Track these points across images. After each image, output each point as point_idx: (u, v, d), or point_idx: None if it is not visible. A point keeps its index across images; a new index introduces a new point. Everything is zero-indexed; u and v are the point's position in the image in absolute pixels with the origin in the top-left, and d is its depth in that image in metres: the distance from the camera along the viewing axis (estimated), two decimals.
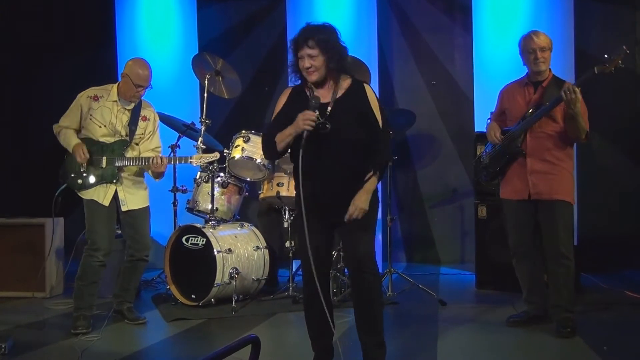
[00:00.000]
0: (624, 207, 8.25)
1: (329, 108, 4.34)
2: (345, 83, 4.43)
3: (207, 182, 6.88)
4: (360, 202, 4.29)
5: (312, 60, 4.29)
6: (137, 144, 5.98)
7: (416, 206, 9.22)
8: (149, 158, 5.86)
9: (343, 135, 4.31)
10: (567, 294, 5.40)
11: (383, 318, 4.57)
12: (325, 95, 4.39)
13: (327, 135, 4.29)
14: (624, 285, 7.07)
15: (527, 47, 5.44)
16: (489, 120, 5.85)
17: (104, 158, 5.78)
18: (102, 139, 5.80)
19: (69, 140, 5.76)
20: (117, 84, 5.91)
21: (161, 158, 5.84)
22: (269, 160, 6.52)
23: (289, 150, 4.51)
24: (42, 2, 9.34)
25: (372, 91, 4.42)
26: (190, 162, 6.07)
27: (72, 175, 5.80)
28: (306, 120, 4.23)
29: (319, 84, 4.39)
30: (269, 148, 4.51)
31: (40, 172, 8.46)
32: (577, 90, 5.07)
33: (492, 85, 6.00)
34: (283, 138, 4.38)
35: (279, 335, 5.78)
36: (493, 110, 5.86)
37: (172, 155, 6.78)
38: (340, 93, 4.40)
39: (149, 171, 5.99)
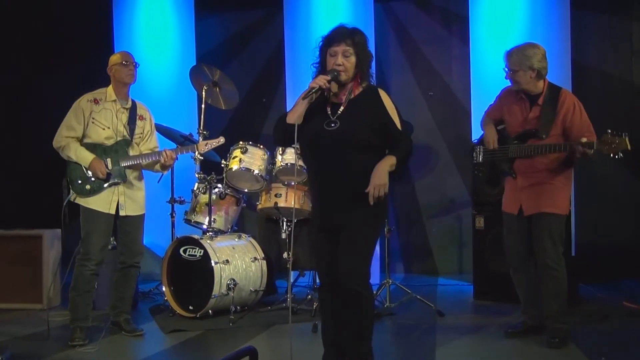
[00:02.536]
0: (621, 217, 8.26)
1: (342, 108, 4.34)
2: (361, 87, 4.41)
3: (204, 193, 6.86)
4: (376, 178, 4.17)
5: (345, 60, 4.28)
6: (136, 144, 6.00)
7: (414, 217, 9.22)
8: (155, 153, 5.91)
9: (351, 136, 4.25)
10: (557, 305, 5.39)
11: (369, 338, 4.43)
12: (342, 97, 4.39)
13: (335, 136, 4.27)
14: (621, 295, 7.07)
15: (505, 64, 5.45)
16: (483, 117, 5.84)
17: (109, 160, 5.78)
18: (104, 142, 5.81)
19: (83, 155, 5.73)
20: (110, 86, 5.93)
21: (168, 152, 5.88)
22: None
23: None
24: (40, 11, 9.35)
25: (386, 95, 4.39)
26: (197, 150, 6.16)
27: (79, 182, 5.75)
28: (317, 79, 4.28)
29: (341, 85, 4.36)
30: (277, 127, 4.45)
31: (38, 183, 8.48)
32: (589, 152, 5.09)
33: (489, 96, 5.99)
34: (293, 109, 4.39)
35: (277, 347, 5.75)
36: (489, 107, 5.83)
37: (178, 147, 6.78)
38: (353, 95, 4.38)
39: (156, 167, 6.03)
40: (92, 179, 5.75)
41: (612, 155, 5.03)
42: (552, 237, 5.36)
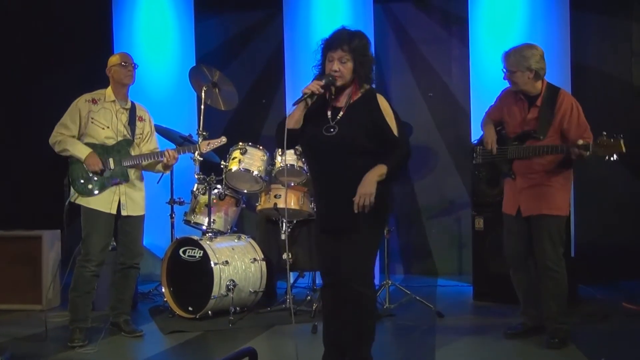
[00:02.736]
0: (620, 218, 8.26)
1: (341, 113, 4.37)
2: (360, 92, 4.41)
3: (204, 194, 6.85)
4: (362, 187, 4.20)
5: (342, 65, 4.30)
6: (137, 145, 6.00)
7: (413, 218, 9.21)
8: (157, 153, 5.92)
9: (349, 143, 4.29)
10: (556, 307, 5.38)
11: (370, 338, 4.48)
12: (342, 100, 4.42)
13: (333, 142, 4.31)
14: (621, 296, 7.08)
15: (503, 66, 5.43)
16: (483, 118, 5.83)
17: (111, 159, 5.78)
18: (105, 141, 5.80)
19: (78, 149, 5.72)
20: (109, 87, 5.93)
21: (171, 151, 5.90)
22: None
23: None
24: (40, 12, 9.35)
25: (384, 100, 4.39)
26: (199, 150, 6.17)
27: (82, 181, 5.73)
28: (310, 85, 4.31)
29: (340, 89, 4.39)
30: (278, 131, 4.44)
31: (38, 183, 8.47)
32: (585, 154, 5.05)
33: (488, 97, 5.99)
34: (291, 114, 4.42)
35: (276, 348, 5.75)
36: (490, 108, 5.82)
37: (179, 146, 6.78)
38: (352, 100, 4.39)
39: (158, 167, 6.05)
40: (95, 178, 5.74)
41: (607, 157, 5.03)
42: (552, 238, 5.35)
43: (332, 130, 4.33)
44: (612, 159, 5.02)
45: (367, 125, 4.30)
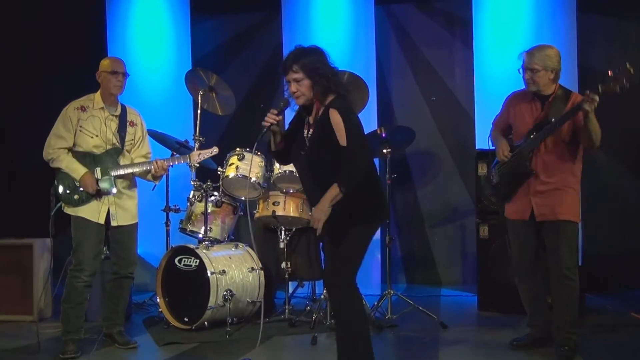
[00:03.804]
0: (629, 226, 8.18)
1: (311, 130, 4.53)
2: (323, 106, 4.46)
3: (200, 201, 6.80)
4: (315, 212, 4.36)
5: (298, 85, 4.40)
6: (128, 152, 5.89)
7: (416, 225, 9.15)
8: (147, 163, 5.82)
9: (312, 155, 4.48)
10: (570, 316, 5.27)
11: (357, 348, 4.44)
12: (314, 116, 4.54)
13: (306, 161, 4.53)
14: (629, 306, 6.99)
15: (523, 64, 5.32)
16: (491, 131, 5.70)
17: (98, 169, 5.67)
18: (93, 150, 5.70)
19: (74, 167, 5.62)
20: (98, 92, 5.82)
21: (159, 161, 5.78)
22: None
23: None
24: (32, 14, 9.26)
25: (335, 111, 4.35)
26: (190, 160, 6.05)
27: (67, 192, 5.64)
28: (267, 117, 4.54)
29: (309, 106, 4.52)
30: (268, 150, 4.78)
31: (29, 190, 8.36)
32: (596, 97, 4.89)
33: (493, 101, 5.91)
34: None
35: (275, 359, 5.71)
36: (495, 118, 5.70)
37: (171, 156, 6.72)
38: (318, 115, 4.49)
39: (148, 176, 5.93)
40: (81, 188, 5.64)
41: (619, 89, 4.87)
42: (570, 245, 5.26)
43: (305, 148, 4.51)
44: (625, 88, 4.87)
45: (327, 143, 4.39)
